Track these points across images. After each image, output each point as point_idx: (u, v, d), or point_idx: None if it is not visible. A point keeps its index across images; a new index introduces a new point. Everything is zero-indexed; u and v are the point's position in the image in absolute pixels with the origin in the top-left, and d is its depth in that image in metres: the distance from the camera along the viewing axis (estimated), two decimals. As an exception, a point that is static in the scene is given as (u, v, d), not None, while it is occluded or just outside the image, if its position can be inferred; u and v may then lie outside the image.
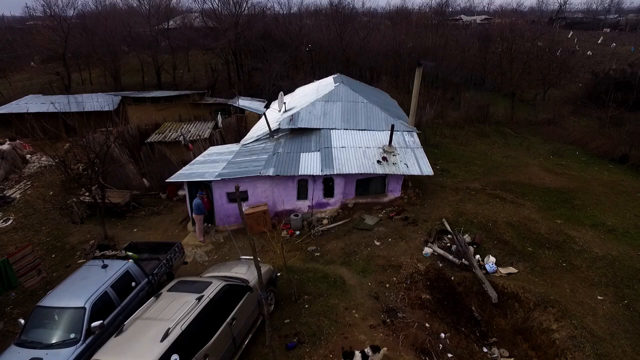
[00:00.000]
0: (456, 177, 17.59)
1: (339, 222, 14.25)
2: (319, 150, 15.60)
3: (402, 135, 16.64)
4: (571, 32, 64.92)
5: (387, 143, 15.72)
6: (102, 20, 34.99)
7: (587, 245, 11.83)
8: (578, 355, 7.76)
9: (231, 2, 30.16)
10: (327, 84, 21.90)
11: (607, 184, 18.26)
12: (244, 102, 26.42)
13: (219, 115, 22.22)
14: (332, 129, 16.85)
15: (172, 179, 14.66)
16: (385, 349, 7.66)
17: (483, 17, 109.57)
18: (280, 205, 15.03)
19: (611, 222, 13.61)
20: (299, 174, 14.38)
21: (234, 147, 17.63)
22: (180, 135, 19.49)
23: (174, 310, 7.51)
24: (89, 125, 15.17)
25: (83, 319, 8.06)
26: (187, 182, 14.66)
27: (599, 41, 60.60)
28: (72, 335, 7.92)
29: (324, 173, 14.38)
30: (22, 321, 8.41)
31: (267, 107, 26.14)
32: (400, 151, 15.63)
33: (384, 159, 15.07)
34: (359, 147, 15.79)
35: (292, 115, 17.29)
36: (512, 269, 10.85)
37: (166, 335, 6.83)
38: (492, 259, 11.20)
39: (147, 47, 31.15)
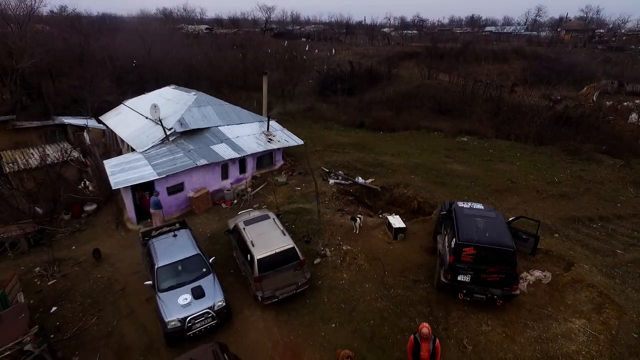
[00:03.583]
0: (301, 148, 25.82)
1: (261, 186, 19.97)
2: (222, 142, 20.38)
3: (267, 123, 23.33)
4: (286, 42, 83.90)
5: (266, 129, 22.21)
6: None
7: (390, 161, 22.71)
8: (420, 195, 17.74)
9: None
10: (176, 94, 25.29)
11: (370, 136, 30.97)
12: (70, 121, 25.72)
13: (86, 133, 22.02)
14: (218, 126, 21.65)
15: (119, 185, 16.36)
16: (363, 215, 15.22)
17: (205, 26, 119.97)
18: (211, 186, 19.17)
19: (390, 152, 25.42)
20: (224, 159, 19.04)
21: (133, 156, 19.52)
22: (68, 155, 19.22)
23: (268, 227, 12.48)
24: None
25: (204, 259, 11.71)
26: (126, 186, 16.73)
27: (307, 48, 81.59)
28: (204, 270, 11.50)
29: (241, 155, 19.62)
30: (150, 282, 11.08)
31: (99, 122, 26.47)
32: (276, 133, 22.46)
33: (270, 139, 21.56)
34: (249, 135, 21.54)
35: (180, 121, 20.85)
36: (371, 179, 20.16)
37: (284, 233, 12.07)
38: (360, 177, 20.19)
39: None
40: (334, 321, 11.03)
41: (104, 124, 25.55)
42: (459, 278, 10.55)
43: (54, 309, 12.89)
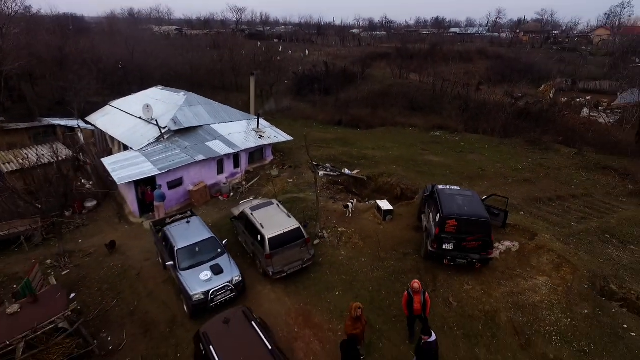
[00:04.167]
0: (288, 143, 27.23)
1: (255, 180, 21.26)
2: (216, 139, 21.52)
3: (257, 120, 24.61)
4: (259, 43, 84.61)
5: (256, 126, 23.49)
6: None
7: (372, 154, 24.53)
8: (403, 182, 19.60)
9: None
10: (165, 94, 26.08)
11: (350, 133, 32.76)
12: (59, 122, 26.05)
13: (80, 134, 22.52)
14: (210, 124, 22.74)
15: (123, 181, 17.27)
16: (355, 200, 16.86)
17: (175, 27, 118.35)
18: (208, 180, 20.28)
19: (370, 146, 27.26)
20: (220, 154, 20.20)
21: (130, 153, 20.35)
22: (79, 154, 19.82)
23: (274, 212, 13.91)
24: None
25: (217, 241, 13.01)
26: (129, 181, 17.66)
27: (280, 49, 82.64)
28: (219, 250, 12.81)
29: (235, 151, 20.84)
30: (171, 262, 12.26)
31: (87, 122, 26.89)
32: (265, 130, 23.78)
33: (261, 136, 22.87)
34: (240, 132, 22.76)
35: (174, 119, 21.81)
36: (357, 170, 21.88)
37: (289, 215, 13.54)
38: (346, 169, 21.86)
39: None
40: (338, 290, 12.61)
41: (91, 124, 25.99)
42: (444, 247, 12.39)
43: (72, 295, 13.74)
